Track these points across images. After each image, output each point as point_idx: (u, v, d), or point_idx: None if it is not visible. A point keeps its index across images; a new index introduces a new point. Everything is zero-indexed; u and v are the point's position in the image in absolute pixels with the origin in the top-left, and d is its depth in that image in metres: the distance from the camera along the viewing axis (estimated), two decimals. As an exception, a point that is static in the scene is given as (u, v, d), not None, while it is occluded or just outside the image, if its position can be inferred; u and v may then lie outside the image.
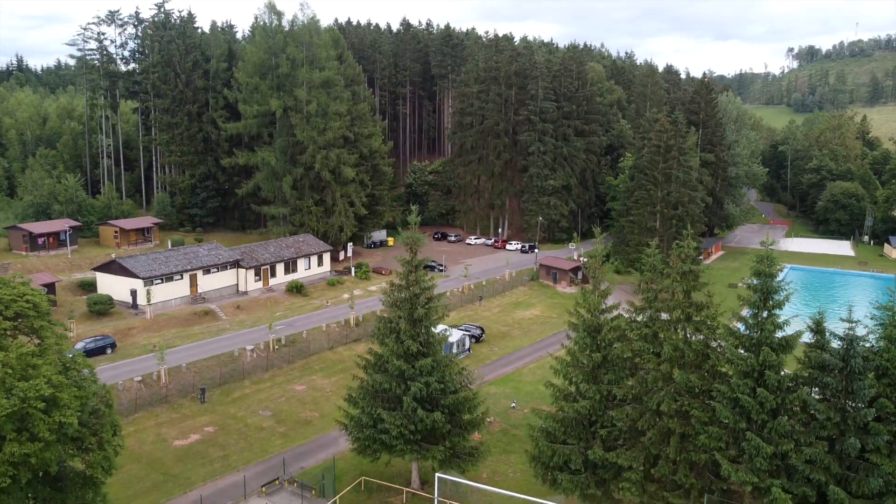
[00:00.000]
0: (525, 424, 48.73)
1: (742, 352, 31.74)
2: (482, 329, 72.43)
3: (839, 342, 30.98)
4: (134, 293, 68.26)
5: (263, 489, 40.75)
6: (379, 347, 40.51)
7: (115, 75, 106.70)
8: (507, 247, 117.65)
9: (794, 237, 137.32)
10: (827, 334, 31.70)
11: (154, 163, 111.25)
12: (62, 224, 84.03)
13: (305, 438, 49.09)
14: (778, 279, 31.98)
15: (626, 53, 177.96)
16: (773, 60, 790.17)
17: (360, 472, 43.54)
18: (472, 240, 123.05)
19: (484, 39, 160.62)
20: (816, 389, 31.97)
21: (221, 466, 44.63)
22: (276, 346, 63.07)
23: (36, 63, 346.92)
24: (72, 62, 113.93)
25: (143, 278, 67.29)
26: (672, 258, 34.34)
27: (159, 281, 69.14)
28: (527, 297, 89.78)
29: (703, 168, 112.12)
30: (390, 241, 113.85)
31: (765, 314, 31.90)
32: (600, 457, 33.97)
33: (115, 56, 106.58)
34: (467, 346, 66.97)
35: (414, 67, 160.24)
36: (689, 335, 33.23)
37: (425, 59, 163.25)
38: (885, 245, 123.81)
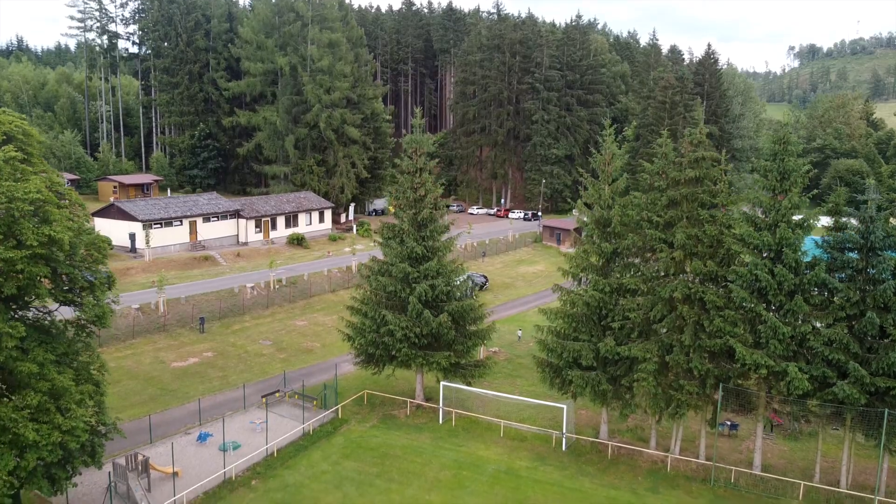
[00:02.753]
0: (529, 354, 47.95)
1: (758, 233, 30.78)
2: (486, 278, 71.53)
3: (859, 223, 30.04)
4: (132, 237, 67.29)
5: (264, 400, 39.72)
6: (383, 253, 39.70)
7: (115, 36, 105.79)
8: (510, 215, 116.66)
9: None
10: (846, 217, 30.83)
11: (154, 126, 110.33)
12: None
13: (306, 363, 48.12)
14: (796, 159, 31.02)
15: (629, 32, 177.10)
16: (774, 59, 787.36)
17: (362, 388, 42.61)
18: (474, 209, 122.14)
19: (486, 19, 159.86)
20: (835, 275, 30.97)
21: (220, 384, 43.68)
22: (277, 286, 62.08)
23: (36, 44, 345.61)
24: (72, 45, 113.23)
25: (141, 221, 66.29)
26: (683, 145, 33.45)
27: (158, 225, 68.14)
28: (530, 256, 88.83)
29: (707, 140, 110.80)
30: (391, 208, 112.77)
31: (781, 198, 30.95)
32: (612, 349, 32.99)
33: (114, 16, 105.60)
34: (471, 292, 65.91)
35: (416, 44, 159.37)
36: (702, 221, 32.20)
37: (427, 36, 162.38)
38: (891, 220, 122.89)
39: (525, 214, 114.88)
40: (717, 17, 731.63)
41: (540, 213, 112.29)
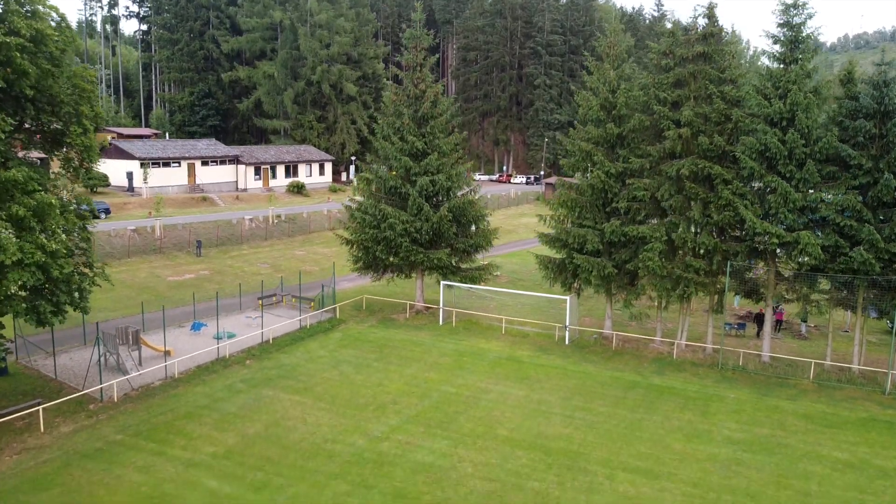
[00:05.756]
0: (532, 278, 47.30)
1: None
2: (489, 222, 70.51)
3: (872, 90, 29.04)
4: (130, 175, 66.42)
5: (260, 302, 38.88)
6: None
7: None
8: (512, 181, 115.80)
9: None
10: (859, 84, 29.88)
11: (154, 86, 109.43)
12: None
13: (305, 281, 47.15)
14: (809, 28, 30.05)
15: (634, 9, 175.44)
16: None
17: (360, 295, 41.81)
18: (476, 176, 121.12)
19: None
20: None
21: (216, 294, 42.75)
22: (276, 221, 61.22)
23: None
24: (73, 23, 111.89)
25: (139, 159, 65.44)
26: (692, 25, 32.52)
27: (156, 165, 67.27)
28: (532, 211, 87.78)
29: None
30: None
31: (793, 66, 30.00)
32: (617, 230, 32.09)
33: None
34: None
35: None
36: (711, 97, 31.25)
37: (429, 8, 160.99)
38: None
39: (528, 178, 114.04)
40: (720, 17, 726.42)
41: (542, 173, 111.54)
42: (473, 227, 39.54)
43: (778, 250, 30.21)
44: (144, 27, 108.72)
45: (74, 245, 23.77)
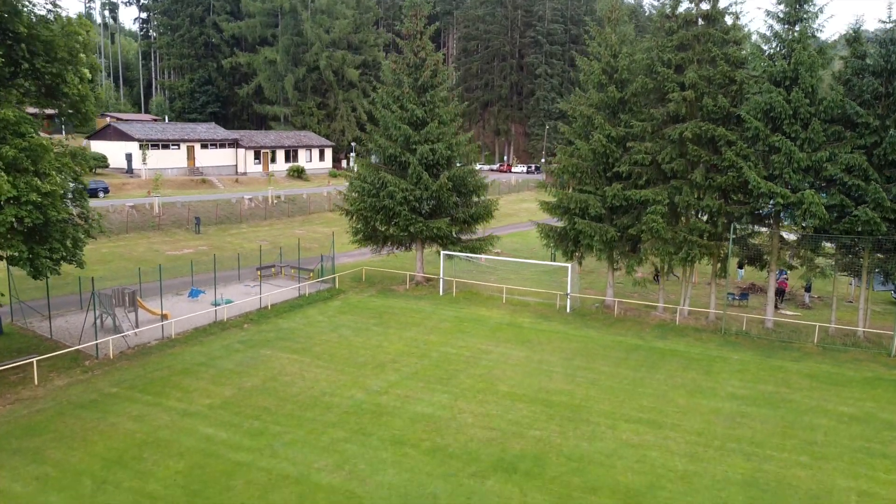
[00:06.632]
0: (531, 255, 46.97)
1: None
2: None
3: (879, 47, 28.66)
4: (129, 157, 66.05)
5: (259, 272, 38.57)
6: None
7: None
8: (513, 170, 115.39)
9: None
10: (866, 44, 29.50)
11: (154, 74, 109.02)
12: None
13: (304, 256, 46.83)
14: (813, -14, 29.63)
15: (635, 1, 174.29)
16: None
17: (360, 268, 41.48)
18: (477, 166, 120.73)
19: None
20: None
21: (213, 257, 42.44)
22: (276, 201, 60.87)
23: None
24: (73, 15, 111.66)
25: (138, 140, 65.05)
26: (696, -12, 32.11)
27: (155, 147, 66.88)
28: (532, 197, 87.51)
29: None
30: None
31: (797, 27, 29.64)
32: (619, 194, 31.72)
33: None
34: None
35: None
36: (715, 59, 30.88)
37: (430, 1, 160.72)
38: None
39: (528, 167, 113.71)
40: None
41: (544, 160, 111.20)
42: (474, 199, 39.07)
43: (781, 213, 29.84)
44: (144, 14, 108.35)
45: (69, 200, 23.45)
